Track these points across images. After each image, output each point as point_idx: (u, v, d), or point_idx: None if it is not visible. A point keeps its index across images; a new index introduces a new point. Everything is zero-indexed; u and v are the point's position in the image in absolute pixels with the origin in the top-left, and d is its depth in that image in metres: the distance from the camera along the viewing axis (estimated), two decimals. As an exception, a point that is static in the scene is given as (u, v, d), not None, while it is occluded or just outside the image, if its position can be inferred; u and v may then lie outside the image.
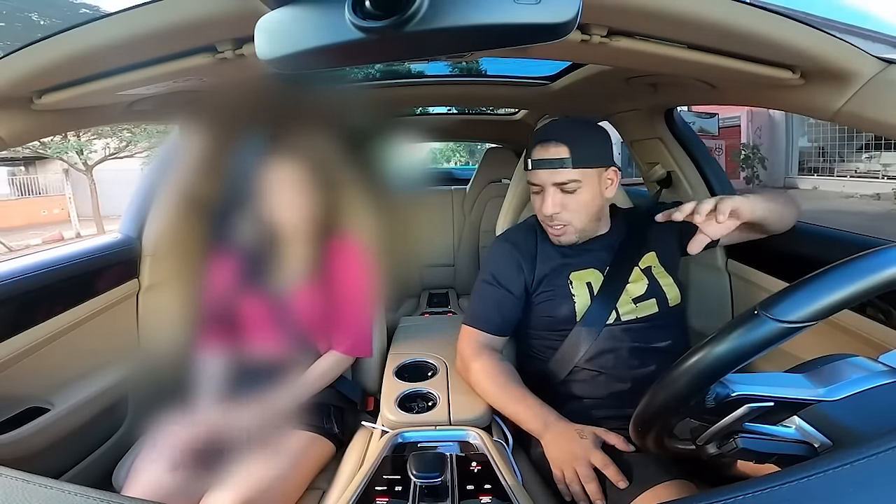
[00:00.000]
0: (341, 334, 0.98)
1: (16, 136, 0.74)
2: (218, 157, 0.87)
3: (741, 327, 0.43)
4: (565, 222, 0.91)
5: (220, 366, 0.90)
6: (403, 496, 0.65)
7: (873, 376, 0.45)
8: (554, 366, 0.90)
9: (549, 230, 0.94)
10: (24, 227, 10.78)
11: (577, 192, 0.89)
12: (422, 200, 1.95)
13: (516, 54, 0.94)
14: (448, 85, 1.57)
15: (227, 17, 0.54)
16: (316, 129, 0.88)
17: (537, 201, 0.93)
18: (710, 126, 9.60)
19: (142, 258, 1.16)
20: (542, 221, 0.95)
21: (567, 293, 0.91)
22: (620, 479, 0.68)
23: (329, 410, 0.95)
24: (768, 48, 0.63)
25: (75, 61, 0.62)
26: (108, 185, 8.61)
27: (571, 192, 0.89)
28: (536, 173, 0.90)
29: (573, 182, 0.88)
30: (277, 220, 0.89)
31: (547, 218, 0.92)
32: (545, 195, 0.90)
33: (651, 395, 0.52)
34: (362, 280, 0.97)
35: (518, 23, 0.37)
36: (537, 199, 0.93)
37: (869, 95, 0.65)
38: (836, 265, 0.43)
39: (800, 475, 0.32)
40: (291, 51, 0.41)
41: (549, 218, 0.91)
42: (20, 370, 0.89)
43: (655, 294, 0.91)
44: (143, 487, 0.74)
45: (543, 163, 0.88)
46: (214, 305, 0.91)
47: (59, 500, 0.35)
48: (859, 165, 9.67)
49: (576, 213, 0.90)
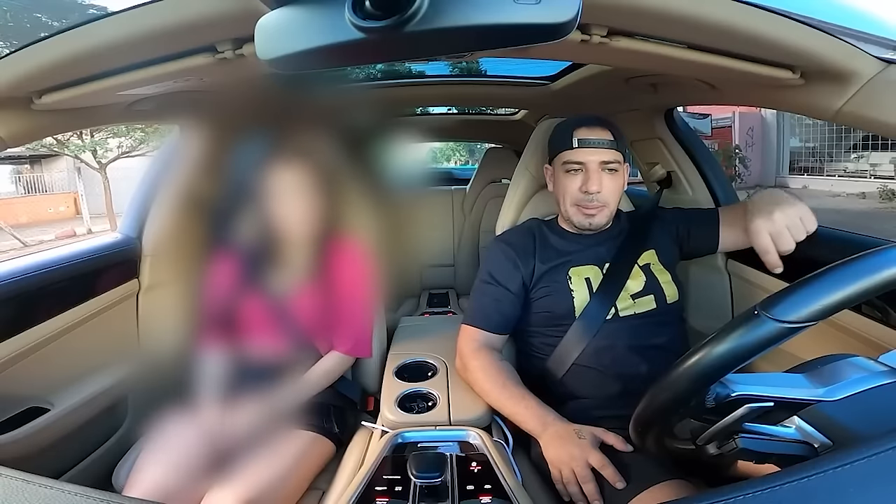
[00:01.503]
0: (342, 335, 0.98)
1: (16, 136, 0.74)
2: (218, 158, 0.87)
3: (741, 327, 0.43)
4: (603, 203, 0.92)
5: (220, 366, 0.91)
6: (403, 496, 0.65)
7: (873, 376, 0.45)
8: (553, 363, 0.91)
9: (583, 210, 0.93)
10: (31, 225, 10.81)
11: (616, 175, 0.91)
12: (422, 200, 1.96)
13: (516, 54, 0.95)
14: (448, 85, 1.57)
15: (227, 17, 0.54)
16: (316, 128, 0.88)
17: (575, 181, 0.92)
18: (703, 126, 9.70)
19: (142, 258, 1.16)
20: (576, 203, 0.93)
21: (566, 289, 0.91)
22: (618, 480, 0.68)
23: (329, 410, 0.95)
24: (768, 48, 0.63)
25: (75, 61, 0.62)
26: (120, 182, 8.70)
27: (611, 173, 0.91)
28: (581, 151, 0.90)
29: (615, 163, 0.90)
30: (277, 220, 0.89)
31: (586, 197, 0.91)
32: (588, 174, 0.90)
33: (651, 396, 0.52)
34: (362, 280, 0.97)
35: (518, 23, 0.37)
36: (575, 179, 0.92)
37: (869, 95, 0.65)
38: (836, 265, 0.43)
39: (800, 475, 0.32)
40: (291, 51, 0.41)
41: (588, 197, 0.91)
42: (20, 370, 0.89)
43: (654, 290, 0.91)
44: (143, 487, 0.74)
45: (591, 142, 0.89)
46: (215, 306, 0.91)
47: (59, 500, 0.35)
48: (848, 165, 9.82)
49: (612, 194, 0.92)
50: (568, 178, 0.93)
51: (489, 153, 2.25)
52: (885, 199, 8.25)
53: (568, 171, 0.93)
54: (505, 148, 2.29)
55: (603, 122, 0.93)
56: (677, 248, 1.00)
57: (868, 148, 9.43)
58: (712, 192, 1.21)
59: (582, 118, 0.94)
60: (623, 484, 0.67)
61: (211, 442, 0.79)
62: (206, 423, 0.82)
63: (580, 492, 0.70)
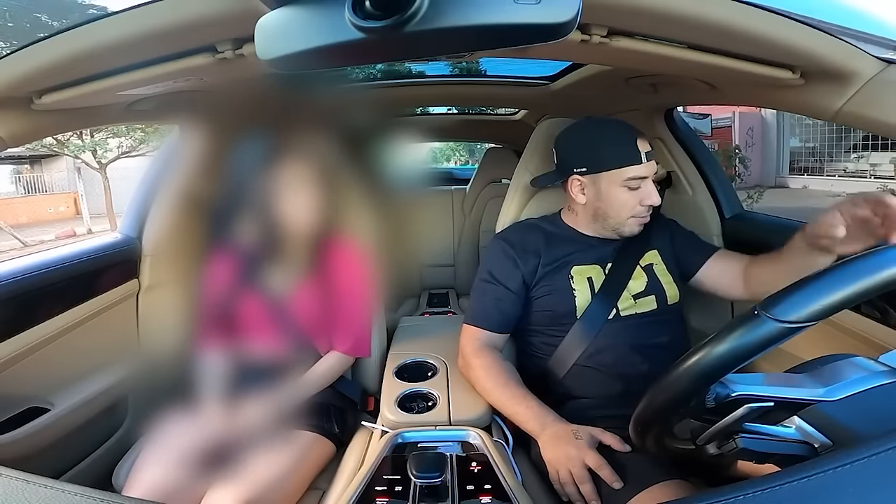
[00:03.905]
0: (342, 334, 0.98)
1: (16, 136, 0.74)
2: (218, 158, 0.87)
3: (741, 327, 0.43)
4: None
5: (220, 366, 0.91)
6: (403, 496, 0.65)
7: (873, 376, 0.45)
8: (554, 363, 0.91)
9: (637, 220, 0.92)
10: (31, 225, 10.82)
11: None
12: (422, 200, 1.96)
13: (516, 54, 0.95)
14: (448, 85, 1.57)
15: (227, 17, 0.54)
16: (316, 129, 0.88)
17: (637, 196, 0.90)
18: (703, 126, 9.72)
19: (142, 258, 1.16)
20: (634, 216, 0.91)
21: (568, 288, 0.91)
22: (615, 480, 0.68)
23: (329, 410, 0.95)
24: (768, 48, 0.63)
25: (75, 61, 0.62)
26: (120, 182, 8.72)
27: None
28: (648, 165, 0.90)
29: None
30: (276, 219, 0.89)
31: (644, 209, 0.91)
32: (648, 186, 0.90)
33: (651, 396, 0.52)
34: (361, 279, 0.97)
35: (518, 23, 0.37)
36: (637, 193, 0.90)
37: (869, 95, 0.65)
38: (837, 265, 0.43)
39: (800, 475, 0.32)
40: (291, 51, 0.41)
41: (647, 209, 0.91)
42: (20, 370, 0.89)
43: (655, 291, 0.91)
44: (143, 487, 0.74)
45: (651, 154, 0.90)
46: (213, 305, 0.91)
47: (59, 500, 0.35)
48: (848, 165, 9.82)
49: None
50: (630, 193, 0.90)
51: (489, 153, 2.25)
52: (886, 199, 8.26)
53: (633, 187, 0.90)
54: (505, 148, 2.29)
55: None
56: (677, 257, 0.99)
57: (868, 148, 9.44)
58: (712, 192, 1.21)
59: (630, 128, 0.91)
60: (620, 484, 0.67)
61: (212, 441, 0.79)
62: (207, 422, 0.82)
63: (577, 492, 0.70)
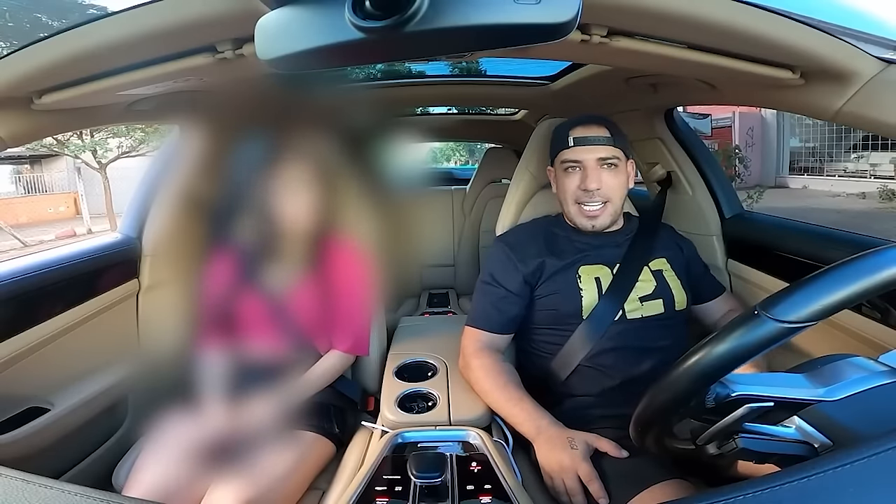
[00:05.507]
0: (341, 333, 0.98)
1: (16, 136, 0.74)
2: (218, 158, 0.87)
3: (741, 327, 0.43)
4: (605, 198, 0.92)
5: (220, 365, 0.91)
6: (403, 496, 0.65)
7: (873, 376, 0.45)
8: (556, 364, 0.90)
9: (584, 211, 0.93)
10: (31, 225, 10.83)
11: (616, 171, 0.92)
12: (422, 200, 1.96)
13: (516, 54, 0.95)
14: (448, 85, 1.57)
15: (227, 17, 0.54)
16: (316, 129, 0.88)
17: (574, 180, 0.93)
18: (703, 127, 9.74)
19: (142, 258, 1.16)
20: (578, 202, 0.93)
21: (574, 287, 0.91)
22: (602, 497, 0.68)
23: (329, 410, 0.95)
24: (768, 48, 0.63)
25: (75, 61, 0.62)
26: (120, 182, 8.72)
27: (610, 169, 0.91)
28: (577, 150, 0.91)
29: (614, 159, 0.91)
30: (276, 219, 0.89)
31: (586, 195, 0.91)
32: (586, 172, 0.91)
33: (651, 396, 0.52)
34: (360, 278, 0.97)
35: (518, 23, 0.37)
36: (573, 177, 0.93)
37: (869, 95, 0.65)
38: (836, 265, 0.43)
39: (800, 475, 0.32)
40: (291, 51, 0.41)
41: (588, 194, 0.91)
42: (20, 370, 0.89)
43: (663, 295, 0.91)
44: (143, 487, 0.74)
45: (587, 139, 0.91)
46: (213, 305, 0.91)
47: (59, 500, 0.35)
48: (848, 165, 9.85)
49: (613, 190, 0.92)
50: (567, 177, 0.94)
51: (489, 153, 2.24)
52: (885, 199, 8.26)
53: (566, 169, 0.93)
54: (505, 148, 2.29)
55: (599, 120, 0.94)
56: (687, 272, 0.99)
57: (868, 148, 9.46)
58: (712, 191, 1.21)
59: (578, 118, 0.95)
60: (606, 501, 0.68)
61: (212, 440, 0.79)
62: (208, 422, 0.82)
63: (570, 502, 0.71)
